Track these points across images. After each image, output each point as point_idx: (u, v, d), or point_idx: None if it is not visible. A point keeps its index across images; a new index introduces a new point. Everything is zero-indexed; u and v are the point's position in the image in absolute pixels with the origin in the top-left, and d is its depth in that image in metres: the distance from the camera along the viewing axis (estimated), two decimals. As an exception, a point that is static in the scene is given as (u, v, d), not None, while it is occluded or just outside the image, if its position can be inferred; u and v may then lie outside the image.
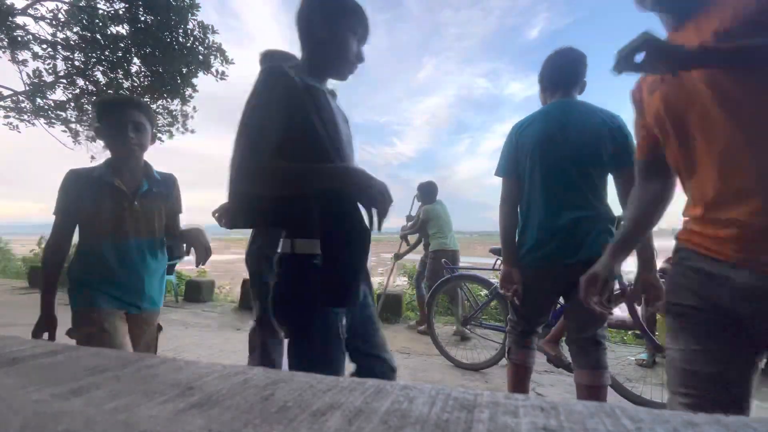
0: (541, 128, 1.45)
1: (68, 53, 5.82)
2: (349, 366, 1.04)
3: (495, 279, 3.26)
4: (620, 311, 2.35)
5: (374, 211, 0.94)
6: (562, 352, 2.45)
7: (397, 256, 4.06)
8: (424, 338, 3.46)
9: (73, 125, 6.45)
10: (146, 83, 6.18)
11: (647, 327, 2.30)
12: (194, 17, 5.75)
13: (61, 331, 1.32)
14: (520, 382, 1.68)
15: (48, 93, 6.10)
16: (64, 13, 5.63)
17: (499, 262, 2.88)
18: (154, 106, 6.69)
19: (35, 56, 5.73)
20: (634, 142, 1.05)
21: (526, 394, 1.83)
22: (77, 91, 6.16)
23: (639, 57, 0.74)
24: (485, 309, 3.01)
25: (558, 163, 1.41)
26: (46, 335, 1.33)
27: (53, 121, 6.19)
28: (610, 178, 1.44)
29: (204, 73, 6.21)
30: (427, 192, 3.86)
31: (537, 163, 1.44)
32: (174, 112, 6.85)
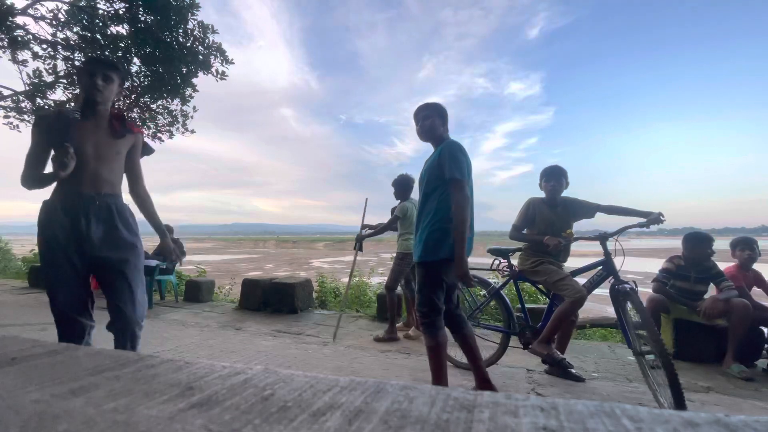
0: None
1: (68, 53, 5.82)
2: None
3: (494, 279, 3.25)
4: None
5: None
6: (554, 351, 2.47)
7: (360, 242, 3.75)
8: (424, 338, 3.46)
9: (73, 125, 6.45)
10: (146, 83, 6.18)
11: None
12: (194, 17, 5.75)
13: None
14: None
15: (48, 93, 6.10)
16: (64, 13, 5.63)
17: (497, 262, 2.88)
18: (153, 106, 6.69)
19: (35, 56, 5.73)
20: None
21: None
22: (77, 91, 6.16)
23: None
24: (484, 309, 3.00)
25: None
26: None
27: (53, 121, 6.19)
28: None
29: (204, 73, 6.21)
30: (403, 187, 3.63)
31: (470, 178, 1.99)
32: (174, 112, 6.85)
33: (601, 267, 2.48)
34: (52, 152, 1.56)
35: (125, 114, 1.76)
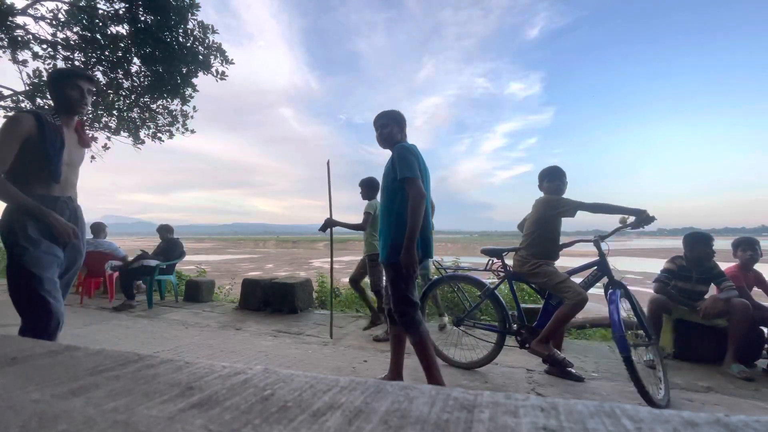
0: (422, 158, 2.09)
1: (68, 53, 5.82)
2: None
3: (488, 279, 3.24)
4: (624, 311, 2.35)
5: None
6: (554, 350, 2.47)
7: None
8: (424, 338, 3.46)
9: (73, 125, 6.45)
10: (146, 83, 6.18)
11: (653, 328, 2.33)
12: (194, 17, 5.75)
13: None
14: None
15: (48, 93, 6.10)
16: (64, 13, 5.63)
17: (492, 262, 2.88)
18: (153, 106, 6.69)
19: (35, 56, 5.74)
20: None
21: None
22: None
23: None
24: (478, 309, 3.00)
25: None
26: None
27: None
28: None
29: (204, 73, 6.21)
30: (369, 187, 3.78)
31: (425, 177, 2.06)
32: (174, 112, 6.86)
33: (595, 267, 2.52)
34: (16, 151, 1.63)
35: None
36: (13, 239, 1.61)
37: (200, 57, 5.97)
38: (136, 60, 5.97)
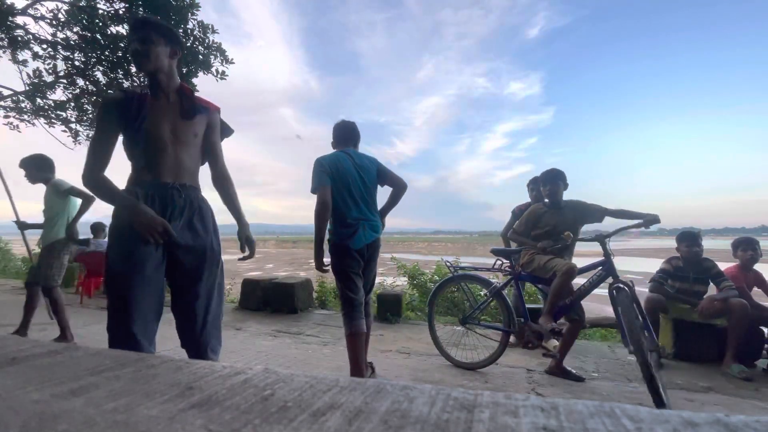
0: (343, 162, 2.30)
1: (68, 53, 5.82)
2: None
3: (495, 279, 3.25)
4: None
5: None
6: (554, 324, 2.49)
7: None
8: (424, 338, 3.46)
9: (73, 125, 6.45)
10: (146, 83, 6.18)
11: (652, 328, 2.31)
12: (194, 17, 5.75)
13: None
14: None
15: (48, 93, 6.09)
16: (64, 13, 5.62)
17: (500, 262, 2.90)
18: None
19: (35, 56, 5.73)
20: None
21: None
22: (77, 91, 6.16)
23: None
24: (484, 309, 3.00)
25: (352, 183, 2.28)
26: None
27: (53, 121, 6.19)
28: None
29: (204, 73, 6.21)
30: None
31: (339, 182, 2.25)
32: (174, 112, 6.85)
33: (601, 267, 2.50)
34: (121, 138, 1.38)
35: (193, 90, 1.50)
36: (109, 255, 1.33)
37: (200, 57, 5.97)
38: (136, 60, 5.97)
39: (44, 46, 5.74)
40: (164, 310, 1.43)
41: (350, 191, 2.27)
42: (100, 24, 5.59)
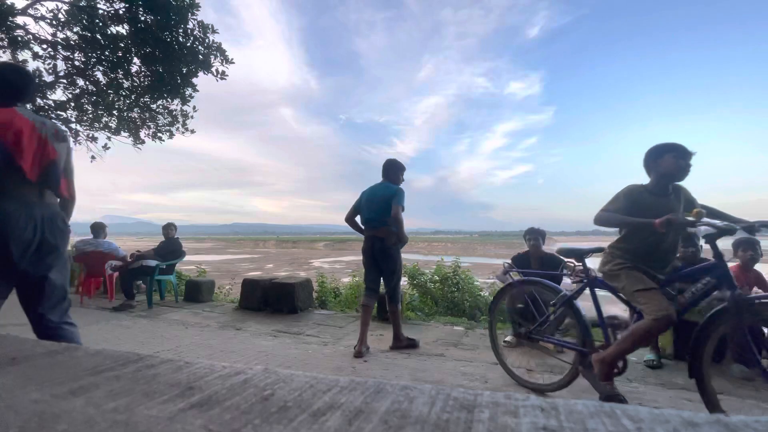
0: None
1: (68, 53, 5.83)
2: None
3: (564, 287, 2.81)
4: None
5: None
6: (614, 385, 1.99)
7: None
8: (424, 338, 3.46)
9: (73, 125, 6.46)
10: (146, 83, 6.18)
11: None
12: (194, 17, 5.75)
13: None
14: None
15: (48, 93, 6.10)
16: (64, 13, 5.63)
17: (571, 265, 2.35)
18: (154, 106, 6.69)
19: (35, 56, 5.74)
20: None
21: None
22: (77, 91, 6.16)
23: None
24: (559, 322, 2.34)
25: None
26: None
27: (53, 121, 6.20)
28: None
29: (204, 73, 6.21)
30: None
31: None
32: (174, 112, 6.86)
33: (707, 273, 1.82)
34: None
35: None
36: None
37: (200, 57, 5.97)
38: (136, 60, 5.97)
39: (44, 46, 5.75)
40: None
41: (369, 204, 3.21)
42: (100, 24, 5.59)
